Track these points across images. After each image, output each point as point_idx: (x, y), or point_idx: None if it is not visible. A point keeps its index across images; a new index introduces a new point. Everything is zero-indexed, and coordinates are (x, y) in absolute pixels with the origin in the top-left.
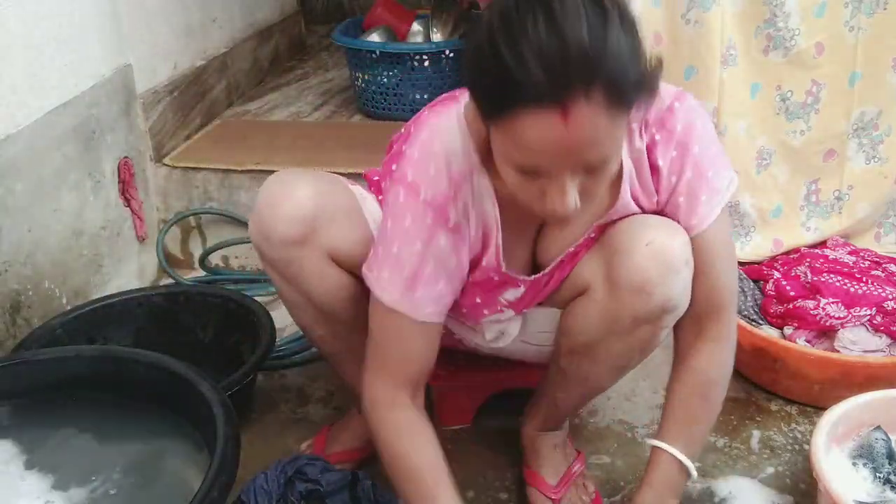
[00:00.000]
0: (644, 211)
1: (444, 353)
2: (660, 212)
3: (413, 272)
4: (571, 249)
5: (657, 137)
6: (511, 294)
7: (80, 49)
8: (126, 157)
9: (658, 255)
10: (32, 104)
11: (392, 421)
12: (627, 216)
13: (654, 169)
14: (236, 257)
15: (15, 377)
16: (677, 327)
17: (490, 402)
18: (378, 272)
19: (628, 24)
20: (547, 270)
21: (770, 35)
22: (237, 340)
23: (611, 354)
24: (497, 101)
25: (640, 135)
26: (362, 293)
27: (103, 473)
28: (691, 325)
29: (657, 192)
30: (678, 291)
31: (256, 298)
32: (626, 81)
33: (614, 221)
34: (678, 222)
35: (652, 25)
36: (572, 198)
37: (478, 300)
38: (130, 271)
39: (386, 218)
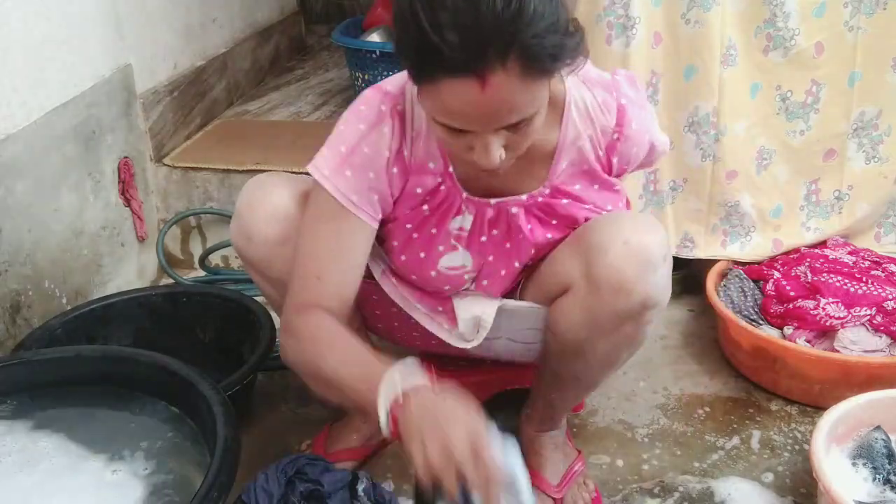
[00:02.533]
0: (592, 175)
1: (444, 355)
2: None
3: (349, 148)
4: (523, 198)
5: (616, 147)
6: (460, 221)
7: (80, 49)
8: (126, 157)
9: (636, 254)
10: (32, 104)
11: (304, 328)
12: (576, 181)
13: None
14: (236, 257)
15: (15, 377)
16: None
17: (490, 402)
18: (319, 152)
19: None
20: (492, 201)
21: (770, 35)
22: (237, 340)
23: (598, 352)
24: (419, 67)
25: (597, 142)
26: None
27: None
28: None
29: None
30: (658, 288)
31: (256, 298)
32: (542, 50)
33: (564, 189)
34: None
35: (652, 25)
36: (496, 153)
37: (432, 231)
38: (130, 271)
39: (347, 110)
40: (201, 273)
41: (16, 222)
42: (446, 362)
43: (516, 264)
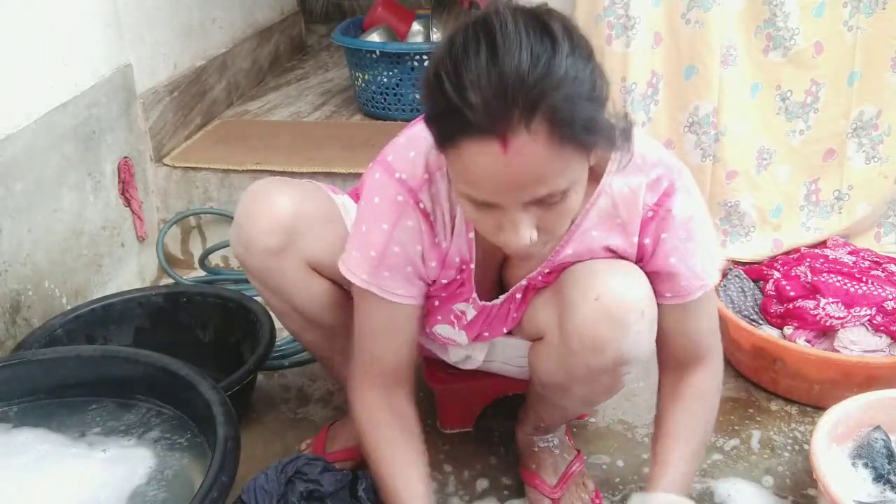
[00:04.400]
0: (614, 254)
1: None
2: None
3: (380, 253)
4: (523, 283)
5: (649, 225)
6: (464, 307)
7: (80, 49)
8: (126, 157)
9: (608, 311)
10: (32, 104)
11: (371, 425)
12: (585, 259)
13: (641, 250)
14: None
15: (15, 377)
16: (661, 366)
17: (492, 406)
18: (349, 253)
19: (581, 57)
20: (499, 301)
21: (770, 35)
22: (237, 340)
23: (577, 395)
24: (443, 131)
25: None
26: (346, 300)
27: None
28: (676, 367)
29: (637, 261)
30: (633, 346)
31: (256, 298)
32: (572, 115)
33: (572, 262)
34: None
35: (652, 25)
36: (526, 232)
37: (436, 303)
38: (130, 271)
39: (361, 197)
40: (201, 273)
41: (16, 222)
42: (447, 366)
43: (504, 330)
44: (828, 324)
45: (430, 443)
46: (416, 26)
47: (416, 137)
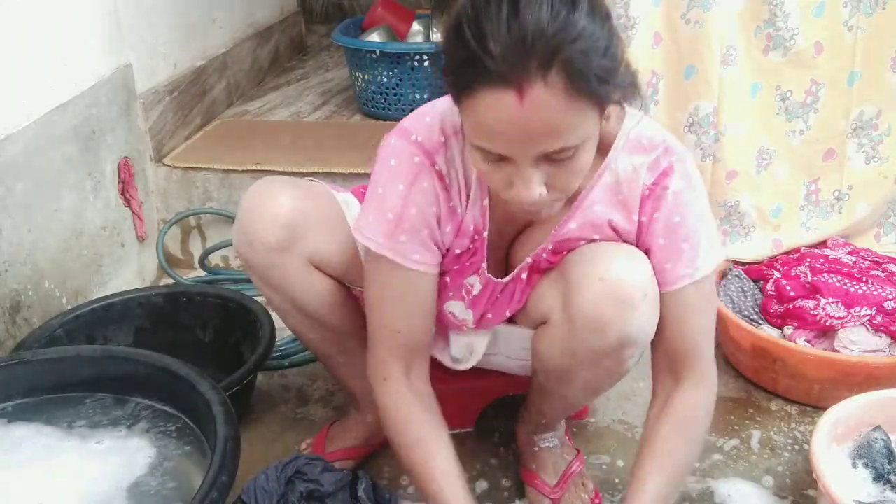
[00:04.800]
0: (616, 232)
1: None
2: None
3: (397, 214)
4: (528, 261)
5: (646, 203)
6: (472, 280)
7: (80, 49)
8: (126, 157)
9: (612, 292)
10: (32, 104)
11: (400, 424)
12: (588, 241)
13: (639, 226)
14: (236, 257)
15: (15, 377)
16: (654, 369)
17: (492, 406)
18: (364, 218)
19: (599, 16)
20: (504, 280)
21: (770, 35)
22: (237, 340)
23: (580, 380)
24: (460, 80)
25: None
26: (349, 298)
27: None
28: (668, 370)
29: (635, 240)
30: (636, 327)
31: (256, 298)
32: (588, 68)
33: (574, 246)
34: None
35: (652, 25)
36: (536, 188)
37: (447, 279)
38: (130, 271)
39: (375, 163)
40: (201, 273)
41: (16, 222)
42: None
43: (507, 314)
44: (828, 324)
45: None
46: (416, 26)
47: (429, 106)
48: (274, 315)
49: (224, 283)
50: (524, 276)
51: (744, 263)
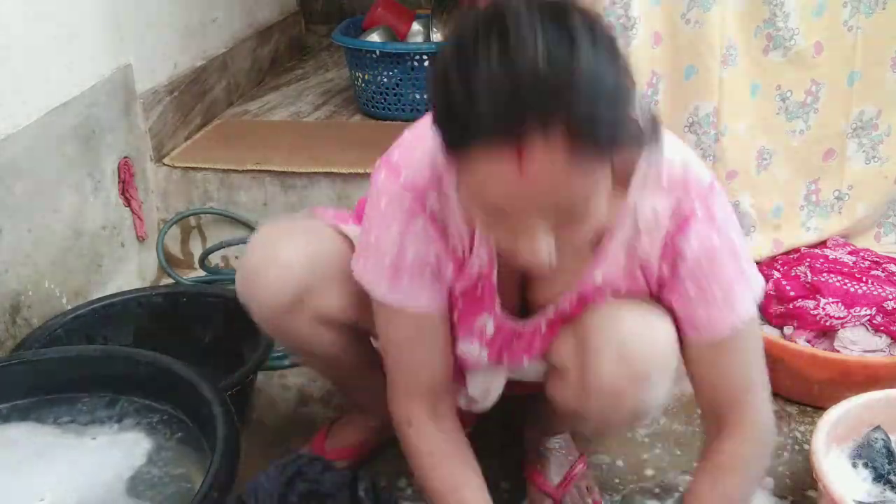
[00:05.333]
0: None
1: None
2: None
3: (394, 258)
4: (551, 315)
5: (666, 251)
6: (485, 321)
7: (80, 49)
8: (126, 157)
9: (630, 363)
10: (32, 104)
11: (415, 447)
12: (613, 293)
13: (660, 277)
14: (236, 257)
15: (15, 377)
16: (702, 418)
17: (494, 405)
18: (363, 263)
19: (605, 54)
20: (522, 325)
21: (770, 35)
22: (237, 340)
23: (591, 428)
24: (451, 137)
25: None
26: (362, 336)
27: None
28: (712, 419)
29: (658, 290)
30: (652, 399)
31: None
32: (595, 117)
33: (598, 297)
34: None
35: (652, 25)
36: (545, 247)
37: (456, 317)
38: (130, 271)
39: (368, 197)
40: (201, 273)
41: (16, 222)
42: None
43: (525, 361)
44: (828, 324)
45: None
46: (416, 26)
47: (422, 135)
48: None
49: (224, 283)
50: (544, 327)
51: None
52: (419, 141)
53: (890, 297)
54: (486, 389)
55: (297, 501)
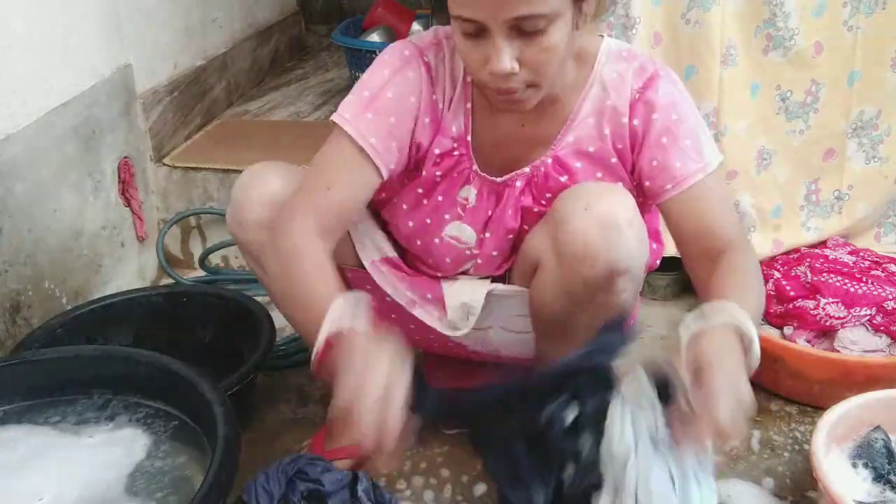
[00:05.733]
0: (598, 160)
1: (445, 357)
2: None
3: (373, 94)
4: (526, 170)
5: (637, 106)
6: (467, 191)
7: (80, 49)
8: (126, 157)
9: (597, 219)
10: (32, 104)
11: (292, 243)
12: (579, 157)
13: (632, 132)
14: (236, 257)
15: (15, 377)
16: (688, 267)
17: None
18: (345, 98)
19: None
20: (499, 179)
21: (770, 35)
22: (237, 340)
23: (579, 328)
24: None
25: (620, 97)
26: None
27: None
28: (704, 260)
29: (630, 148)
30: (625, 253)
31: (256, 298)
32: None
33: (566, 163)
34: (653, 184)
35: (652, 25)
36: (507, 58)
37: (439, 198)
38: (130, 271)
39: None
40: (201, 273)
41: (16, 222)
42: (447, 365)
43: (509, 236)
44: (828, 324)
45: (429, 444)
46: (416, 26)
47: (429, 30)
48: (274, 315)
49: (224, 283)
50: (519, 184)
51: None
52: (426, 31)
53: (890, 297)
54: (464, 308)
55: (297, 501)
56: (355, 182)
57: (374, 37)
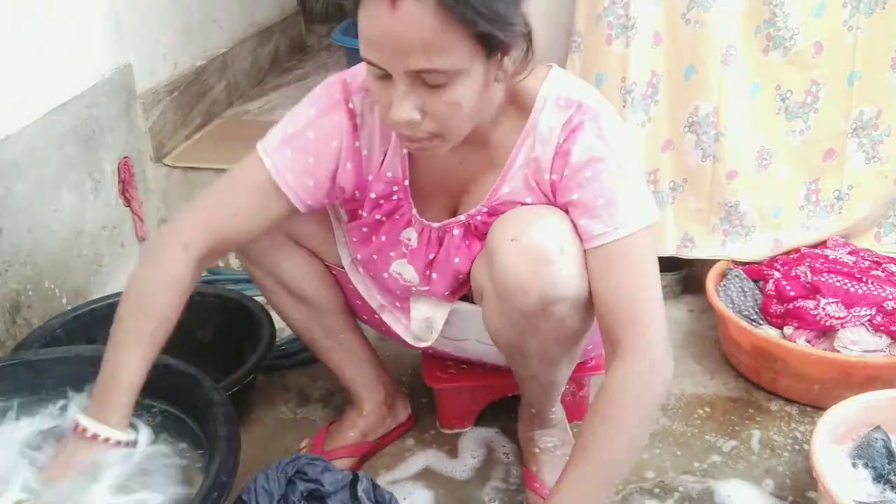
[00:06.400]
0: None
1: (445, 358)
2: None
3: (296, 131)
4: (462, 218)
5: (556, 161)
6: (409, 234)
7: (80, 49)
8: (126, 157)
9: (526, 250)
10: (32, 104)
11: (171, 275)
12: (521, 199)
13: (552, 185)
14: (236, 257)
15: (15, 377)
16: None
17: (492, 406)
18: (274, 125)
19: None
20: (436, 224)
21: (770, 35)
22: (237, 340)
23: (532, 350)
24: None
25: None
26: (331, 278)
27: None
28: (607, 339)
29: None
30: (558, 282)
31: (256, 298)
32: None
33: (510, 203)
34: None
35: (652, 25)
36: (406, 106)
37: (382, 238)
38: (130, 271)
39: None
40: None
41: (16, 222)
42: (447, 366)
43: (459, 276)
44: (828, 324)
45: (430, 443)
46: None
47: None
48: (274, 315)
49: (224, 283)
50: (457, 231)
51: (744, 263)
52: (361, 66)
53: (890, 297)
54: (427, 323)
55: (297, 501)
56: (263, 212)
57: None
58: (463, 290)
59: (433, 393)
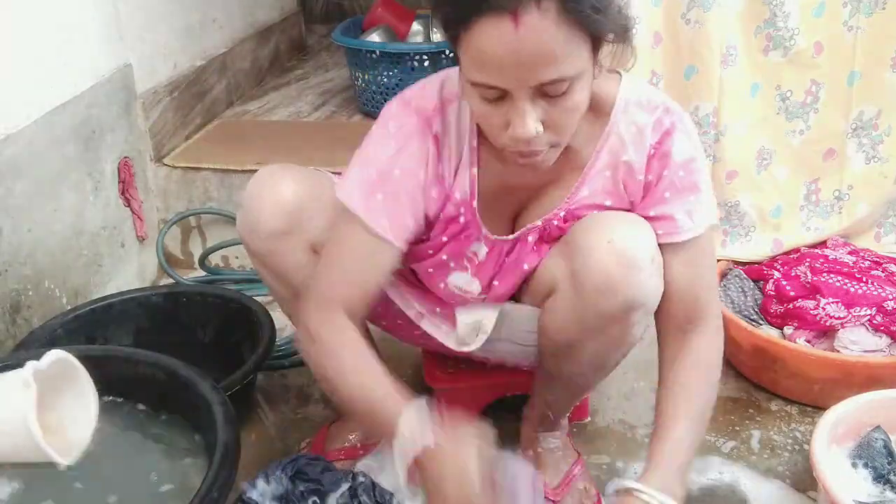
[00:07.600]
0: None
1: (445, 357)
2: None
3: (380, 172)
4: (538, 223)
5: (652, 163)
6: (476, 248)
7: (80, 49)
8: (126, 157)
9: (620, 253)
10: (32, 104)
11: (326, 336)
12: (593, 211)
13: (646, 186)
14: (236, 257)
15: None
16: (661, 326)
17: (492, 406)
18: (348, 174)
19: None
20: (510, 237)
21: (770, 35)
22: (237, 340)
23: (587, 354)
24: (456, 13)
25: (635, 149)
26: None
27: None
28: (679, 322)
29: (641, 199)
30: (644, 290)
31: (256, 298)
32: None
33: (588, 206)
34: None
35: (652, 25)
36: (532, 120)
37: (443, 257)
38: (130, 271)
39: (374, 126)
40: (201, 273)
41: (16, 222)
42: (447, 366)
43: (516, 281)
44: (828, 324)
45: None
46: (416, 26)
47: (431, 78)
48: (274, 315)
49: (224, 283)
50: (531, 238)
51: (744, 263)
52: (428, 81)
53: (890, 297)
54: (474, 329)
55: (297, 501)
56: (375, 266)
57: (374, 37)
58: (514, 291)
59: (433, 393)
